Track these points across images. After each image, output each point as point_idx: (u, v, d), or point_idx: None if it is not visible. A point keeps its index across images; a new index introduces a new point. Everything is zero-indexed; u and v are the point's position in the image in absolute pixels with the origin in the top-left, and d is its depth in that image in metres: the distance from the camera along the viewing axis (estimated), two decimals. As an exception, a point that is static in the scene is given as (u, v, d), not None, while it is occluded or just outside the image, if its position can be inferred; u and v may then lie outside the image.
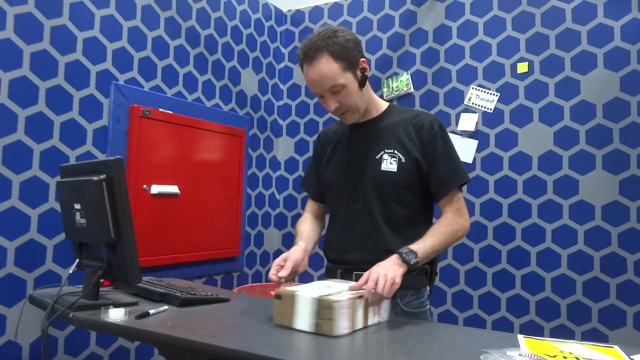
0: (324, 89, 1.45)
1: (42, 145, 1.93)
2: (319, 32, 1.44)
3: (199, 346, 1.13)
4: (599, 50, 2.44)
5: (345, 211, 1.56)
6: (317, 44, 1.41)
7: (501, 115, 2.65)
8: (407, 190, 1.49)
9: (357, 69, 1.46)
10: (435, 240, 1.40)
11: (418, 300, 1.51)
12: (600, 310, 2.38)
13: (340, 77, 1.42)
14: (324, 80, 1.43)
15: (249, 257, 3.05)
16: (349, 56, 1.43)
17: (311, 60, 1.42)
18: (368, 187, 1.50)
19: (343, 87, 1.44)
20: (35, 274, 1.90)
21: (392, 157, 1.49)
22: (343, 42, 1.42)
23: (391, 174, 1.48)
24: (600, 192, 2.41)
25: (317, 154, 1.71)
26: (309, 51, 1.42)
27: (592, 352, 1.09)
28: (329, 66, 1.41)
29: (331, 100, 1.47)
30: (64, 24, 2.00)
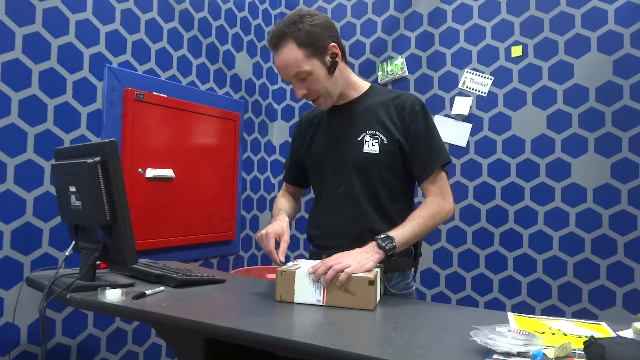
0: (290, 76, 1.45)
1: (36, 128, 1.93)
2: (286, 18, 1.43)
3: (196, 325, 1.15)
4: (592, 34, 2.45)
5: (328, 195, 1.56)
6: (282, 31, 1.41)
7: (495, 98, 2.66)
8: (390, 172, 1.49)
9: (325, 54, 1.44)
10: (415, 225, 1.40)
11: (404, 282, 1.53)
12: (591, 291, 2.42)
13: (305, 64, 1.41)
14: (288, 67, 1.43)
15: (244, 240, 3.07)
16: (315, 42, 1.41)
17: (276, 47, 1.43)
18: (350, 169, 1.50)
19: (309, 73, 1.43)
20: (32, 256, 1.91)
21: (373, 139, 1.48)
22: (308, 27, 1.40)
23: (373, 155, 1.47)
24: (592, 175, 2.44)
25: (296, 138, 1.71)
26: (273, 38, 1.43)
27: (580, 329, 1.12)
28: (293, 53, 1.41)
29: (298, 86, 1.46)
30: (56, 5, 1.99)
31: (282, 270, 1.32)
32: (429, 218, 1.43)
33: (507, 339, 0.92)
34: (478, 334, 0.95)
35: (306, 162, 1.66)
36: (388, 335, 1.05)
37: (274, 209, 1.67)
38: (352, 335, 1.05)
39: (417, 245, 1.57)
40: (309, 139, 1.63)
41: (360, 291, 1.25)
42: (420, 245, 1.60)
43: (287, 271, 1.31)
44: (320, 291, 1.28)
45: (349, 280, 1.26)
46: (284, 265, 1.38)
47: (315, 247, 1.62)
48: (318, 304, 1.28)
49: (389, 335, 1.06)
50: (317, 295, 1.29)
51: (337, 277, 1.26)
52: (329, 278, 1.26)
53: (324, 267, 1.28)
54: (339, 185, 1.53)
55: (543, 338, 1.00)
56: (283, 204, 1.68)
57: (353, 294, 1.26)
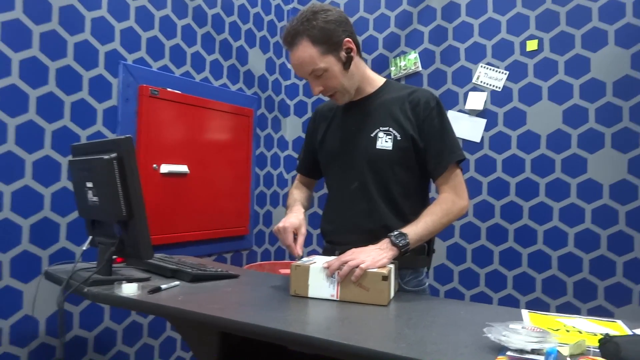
0: (305, 74, 1.45)
1: (53, 125, 1.96)
2: (299, 15, 1.43)
3: (210, 319, 1.16)
4: (610, 27, 2.41)
5: (341, 191, 1.57)
6: (296, 29, 1.41)
7: (510, 93, 2.64)
8: (403, 168, 1.48)
9: (340, 50, 1.44)
10: (429, 222, 1.40)
11: (417, 279, 1.53)
12: (607, 288, 2.39)
13: (320, 62, 1.41)
14: (303, 65, 1.43)
15: (257, 235, 3.09)
16: (330, 39, 1.41)
17: (290, 45, 1.43)
18: (363, 165, 1.50)
19: (325, 70, 1.43)
20: (50, 251, 1.95)
21: (387, 135, 1.47)
22: (322, 24, 1.40)
23: (386, 152, 1.47)
24: (608, 171, 2.40)
25: (310, 130, 1.72)
26: (288, 36, 1.43)
27: (595, 326, 1.11)
28: (308, 51, 1.41)
29: (314, 83, 1.47)
30: (71, 4, 2.01)
31: (296, 265, 1.33)
32: (443, 215, 1.42)
33: (521, 335, 0.92)
34: (491, 331, 0.95)
35: (319, 156, 1.66)
36: (401, 331, 1.06)
37: (288, 199, 1.68)
38: (365, 330, 1.06)
39: (430, 242, 1.56)
40: (323, 132, 1.64)
41: (374, 287, 1.26)
42: (433, 242, 1.60)
43: (301, 266, 1.32)
44: (334, 286, 1.29)
45: (363, 276, 1.26)
46: (299, 260, 1.39)
47: (329, 243, 1.62)
48: (332, 299, 1.29)
49: (402, 331, 1.06)
50: (331, 290, 1.29)
51: (352, 273, 1.26)
52: (343, 274, 1.27)
53: (338, 263, 1.28)
54: (352, 181, 1.53)
55: (557, 335, 1.00)
56: (298, 195, 1.68)
57: (366, 290, 1.26)
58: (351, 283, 1.27)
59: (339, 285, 1.29)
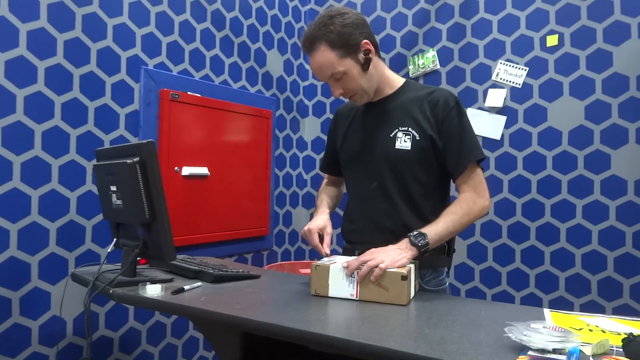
0: (325, 78, 1.48)
1: (77, 130, 2.01)
2: (316, 20, 1.44)
3: (233, 320, 1.18)
4: (632, 20, 2.36)
5: (361, 191, 1.58)
6: (314, 34, 1.43)
7: (530, 90, 2.60)
8: (422, 168, 1.49)
9: (358, 52, 1.45)
10: (449, 222, 1.39)
11: (437, 279, 1.53)
12: (632, 286, 2.35)
13: (339, 65, 1.43)
14: (323, 69, 1.45)
15: (277, 236, 3.11)
16: (348, 42, 1.42)
17: (309, 50, 1.46)
18: (383, 166, 1.51)
19: (344, 73, 1.45)
20: (76, 253, 2.00)
21: (406, 135, 1.48)
22: (340, 28, 1.41)
23: (405, 152, 1.47)
24: (633, 167, 2.36)
25: (332, 130, 1.73)
26: (306, 42, 1.45)
27: (619, 325, 1.10)
28: (326, 56, 1.43)
29: (334, 86, 1.49)
30: (94, 11, 2.06)
31: (316, 265, 1.34)
32: (463, 215, 1.42)
33: (543, 335, 0.91)
34: (512, 330, 0.95)
35: (340, 156, 1.68)
36: (421, 331, 1.06)
37: (317, 200, 1.72)
38: (385, 330, 1.06)
39: (451, 242, 1.56)
40: (344, 133, 1.65)
41: (393, 286, 1.26)
42: (454, 242, 1.60)
43: (321, 266, 1.34)
44: (354, 286, 1.30)
45: (382, 275, 1.27)
46: (322, 259, 1.41)
47: (348, 243, 1.63)
48: (352, 299, 1.30)
49: (422, 330, 1.06)
50: (350, 290, 1.30)
51: (371, 273, 1.27)
52: (363, 274, 1.28)
53: (357, 263, 1.29)
54: (372, 181, 1.54)
55: (580, 335, 0.99)
56: (325, 195, 1.72)
57: (386, 289, 1.27)
58: (370, 283, 1.28)
59: (358, 285, 1.29)
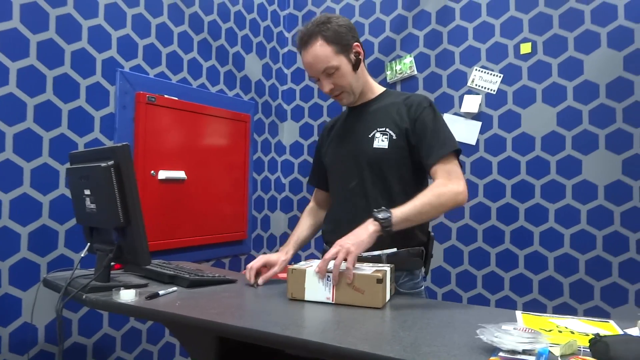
0: (319, 71, 1.54)
1: (51, 133, 1.97)
2: (313, 20, 1.56)
3: (208, 324, 1.17)
4: (602, 30, 2.43)
5: (341, 191, 1.64)
6: (312, 30, 1.53)
7: (504, 96, 2.66)
8: (400, 166, 1.53)
9: (350, 52, 1.55)
10: (417, 203, 1.38)
11: (412, 282, 1.55)
12: (603, 289, 2.41)
13: (333, 60, 1.52)
14: (318, 62, 1.52)
15: (256, 240, 3.10)
16: (341, 40, 1.53)
17: (306, 45, 1.54)
18: (362, 165, 1.56)
19: (337, 69, 1.53)
20: (48, 258, 1.96)
21: (383, 135, 1.54)
22: (336, 27, 1.52)
23: (383, 150, 1.53)
24: (603, 172, 2.42)
25: (319, 144, 1.82)
26: (304, 36, 1.54)
27: (587, 327, 1.13)
28: (323, 49, 1.51)
29: (326, 81, 1.55)
30: (68, 12, 2.03)
31: (292, 269, 1.35)
32: (433, 197, 1.40)
33: (513, 337, 0.93)
34: (484, 332, 0.97)
35: (325, 164, 1.75)
36: (396, 334, 1.07)
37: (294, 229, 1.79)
38: (360, 333, 1.07)
39: (428, 247, 1.59)
40: (328, 142, 1.74)
41: (369, 289, 1.27)
42: (432, 247, 1.62)
43: (297, 269, 1.34)
44: (330, 289, 1.31)
45: (358, 278, 1.28)
46: (297, 264, 1.41)
47: (327, 244, 1.64)
48: (328, 302, 1.30)
49: (396, 333, 1.07)
50: (326, 293, 1.31)
51: (347, 274, 1.28)
52: (335, 277, 1.29)
53: (323, 263, 1.30)
54: (351, 181, 1.59)
55: (549, 336, 1.01)
56: (301, 227, 1.77)
57: (362, 292, 1.28)
58: (346, 286, 1.29)
59: (334, 289, 1.30)
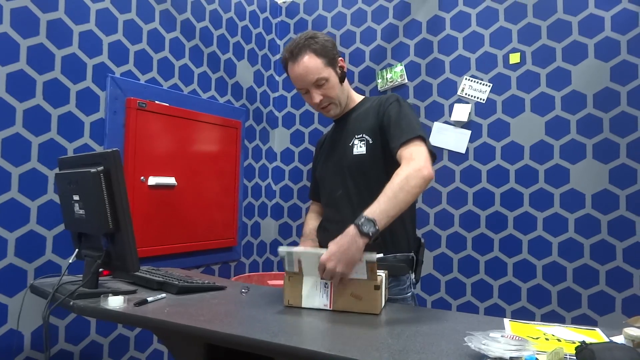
0: (310, 83, 1.59)
1: (40, 138, 1.96)
2: (300, 35, 1.63)
3: (196, 331, 1.17)
4: (589, 41, 2.47)
5: (330, 200, 1.69)
6: (301, 43, 1.59)
7: (494, 105, 2.68)
8: (379, 167, 1.56)
9: (336, 65, 1.64)
10: (389, 193, 1.33)
11: (398, 287, 1.56)
12: (590, 297, 2.43)
13: (323, 71, 1.58)
14: (309, 73, 1.58)
15: (246, 247, 3.09)
16: (329, 54, 1.60)
17: (296, 57, 1.59)
18: (345, 174, 1.62)
19: (326, 80, 1.59)
20: (36, 264, 1.94)
21: (361, 141, 1.60)
22: (323, 42, 1.61)
23: (362, 156, 1.59)
24: (590, 181, 2.45)
25: (314, 158, 1.91)
26: (293, 49, 1.59)
27: (574, 334, 1.14)
28: (313, 61, 1.58)
29: (316, 93, 1.61)
30: (59, 17, 2.02)
31: (290, 276, 1.34)
32: (402, 181, 1.35)
33: (500, 344, 0.94)
34: (472, 340, 0.97)
35: (317, 176, 1.84)
36: (384, 341, 1.07)
37: (303, 230, 1.85)
38: (349, 340, 1.07)
39: (418, 253, 1.61)
40: (320, 156, 1.82)
41: (367, 295, 1.29)
42: (422, 253, 1.64)
43: (294, 277, 1.33)
44: (328, 296, 1.31)
45: (355, 285, 1.29)
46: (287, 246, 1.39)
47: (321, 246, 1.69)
48: (325, 309, 1.31)
49: (385, 341, 1.08)
50: (324, 300, 1.31)
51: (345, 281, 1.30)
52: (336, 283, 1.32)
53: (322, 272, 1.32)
54: (337, 190, 1.64)
55: (536, 343, 1.02)
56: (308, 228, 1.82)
57: (359, 299, 1.29)
58: (344, 293, 1.29)
59: (332, 295, 1.30)
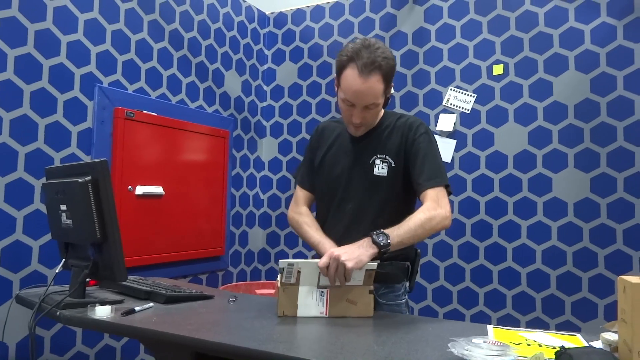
0: (363, 103, 1.48)
1: (27, 147, 1.96)
2: (376, 47, 1.46)
3: (184, 340, 1.17)
4: (570, 53, 2.53)
5: (338, 211, 1.62)
6: (377, 61, 1.44)
7: (478, 115, 2.73)
8: (398, 193, 1.56)
9: (388, 92, 1.54)
10: (412, 225, 1.42)
11: (393, 294, 1.57)
12: (573, 303, 2.47)
13: (380, 99, 1.50)
14: (370, 95, 1.47)
15: (233, 256, 3.09)
16: (390, 81, 1.51)
17: (368, 73, 1.44)
18: (360, 190, 1.58)
19: (376, 106, 1.51)
20: (21, 274, 1.93)
21: (383, 162, 1.56)
22: (393, 65, 1.49)
23: (382, 178, 1.55)
24: (572, 190, 2.50)
25: (314, 146, 1.73)
26: (368, 63, 1.43)
27: (555, 340, 1.17)
28: (379, 86, 1.46)
29: (360, 114, 1.50)
30: (47, 27, 2.03)
31: (285, 287, 1.33)
32: (426, 220, 1.44)
33: (482, 349, 0.96)
34: (455, 346, 0.99)
35: (317, 174, 1.70)
36: (370, 348, 1.09)
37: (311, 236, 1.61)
38: (335, 347, 1.09)
39: (414, 262, 1.63)
40: (323, 154, 1.68)
41: (361, 300, 1.32)
42: (418, 263, 1.66)
43: (290, 288, 1.32)
44: (323, 304, 1.32)
45: (350, 290, 1.31)
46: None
47: None
48: (321, 316, 1.32)
49: (370, 347, 1.10)
50: (320, 308, 1.33)
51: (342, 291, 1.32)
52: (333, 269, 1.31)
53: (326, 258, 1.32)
54: (348, 203, 1.60)
55: (517, 349, 1.05)
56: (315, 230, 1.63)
57: (354, 303, 1.32)
58: (340, 299, 1.31)
59: (327, 303, 1.32)
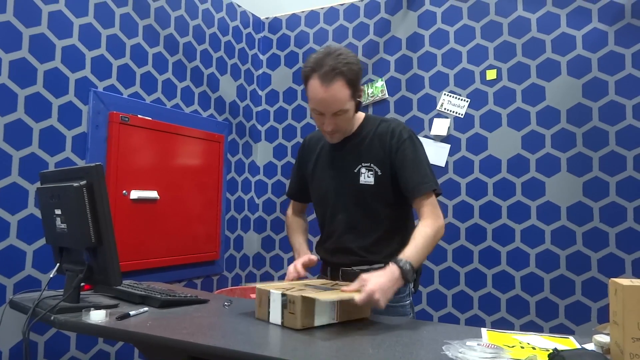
0: (330, 111, 1.47)
1: (21, 152, 1.95)
2: (337, 54, 1.45)
3: (179, 344, 1.17)
4: (562, 58, 2.56)
5: (331, 222, 1.65)
6: (336, 66, 1.43)
7: (472, 120, 2.75)
8: (386, 195, 1.57)
9: (357, 96, 1.52)
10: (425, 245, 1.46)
11: (398, 295, 1.58)
12: (567, 307, 2.48)
13: (347, 104, 1.47)
14: (335, 102, 1.46)
15: (228, 260, 3.09)
16: (357, 85, 1.49)
17: (329, 81, 1.43)
18: (349, 200, 1.59)
19: (345, 112, 1.48)
20: (15, 279, 1.92)
21: (369, 171, 1.56)
22: (357, 69, 1.47)
23: (369, 186, 1.56)
24: (565, 194, 2.52)
25: (301, 160, 1.76)
26: (329, 71, 1.43)
27: (548, 342, 1.18)
28: (343, 91, 1.45)
29: (330, 121, 1.50)
30: (42, 32, 2.03)
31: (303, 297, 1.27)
32: (433, 237, 1.50)
33: (476, 352, 0.97)
34: (449, 348, 1.00)
35: (310, 186, 1.73)
36: (365, 351, 1.09)
37: (293, 242, 1.74)
38: (330, 351, 1.09)
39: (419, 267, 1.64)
40: (312, 166, 1.70)
41: None
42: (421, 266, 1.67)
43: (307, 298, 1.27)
44: (334, 311, 1.33)
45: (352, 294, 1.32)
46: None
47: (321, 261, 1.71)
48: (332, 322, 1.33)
49: (366, 351, 1.10)
50: (332, 314, 1.34)
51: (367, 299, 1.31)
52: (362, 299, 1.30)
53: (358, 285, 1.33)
54: (339, 214, 1.62)
55: (511, 351, 1.05)
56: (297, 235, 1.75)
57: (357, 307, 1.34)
58: (347, 305, 1.32)
59: (338, 309, 1.33)
